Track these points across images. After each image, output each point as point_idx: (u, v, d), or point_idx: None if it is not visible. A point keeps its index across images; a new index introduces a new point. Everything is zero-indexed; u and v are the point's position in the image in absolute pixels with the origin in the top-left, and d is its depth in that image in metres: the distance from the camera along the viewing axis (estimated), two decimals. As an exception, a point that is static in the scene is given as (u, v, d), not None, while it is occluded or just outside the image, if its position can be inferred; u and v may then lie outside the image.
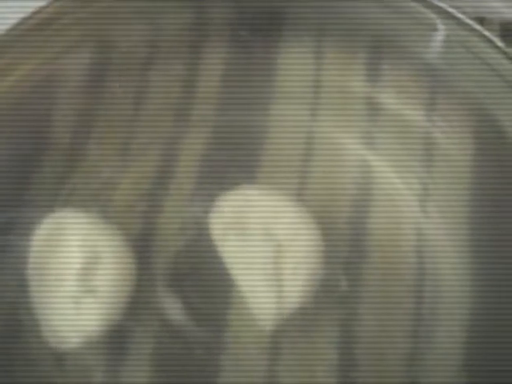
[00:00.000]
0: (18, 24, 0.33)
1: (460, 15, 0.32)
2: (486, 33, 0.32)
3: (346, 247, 0.32)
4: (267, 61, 0.37)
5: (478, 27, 0.32)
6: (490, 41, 0.31)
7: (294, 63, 0.37)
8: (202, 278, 0.31)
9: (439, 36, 0.33)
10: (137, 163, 0.35)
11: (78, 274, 0.28)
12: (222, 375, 0.30)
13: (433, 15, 0.33)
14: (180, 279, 0.31)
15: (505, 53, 0.32)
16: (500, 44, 0.31)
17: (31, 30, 0.34)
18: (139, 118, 0.36)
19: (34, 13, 0.33)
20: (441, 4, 0.33)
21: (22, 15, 0.33)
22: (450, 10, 0.32)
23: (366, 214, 0.33)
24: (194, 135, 0.36)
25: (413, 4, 0.33)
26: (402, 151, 0.35)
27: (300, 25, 0.37)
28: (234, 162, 0.35)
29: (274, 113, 0.36)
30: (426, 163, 0.35)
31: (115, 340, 0.30)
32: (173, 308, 0.30)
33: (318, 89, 0.37)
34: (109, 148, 0.35)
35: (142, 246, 0.31)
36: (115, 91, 0.36)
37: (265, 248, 0.29)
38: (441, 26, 0.33)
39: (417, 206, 0.33)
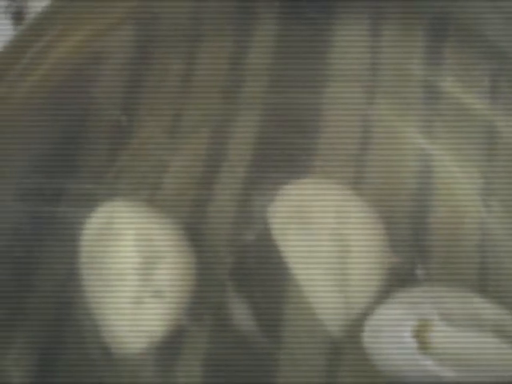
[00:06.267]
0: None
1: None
2: None
3: (408, 243, 0.31)
4: (321, 38, 0.35)
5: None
6: None
7: (350, 41, 0.35)
8: (265, 277, 0.30)
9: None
10: (187, 145, 0.33)
11: (138, 271, 0.27)
12: (279, 379, 0.29)
13: None
14: (243, 278, 0.30)
15: None
16: None
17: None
18: (187, 96, 0.34)
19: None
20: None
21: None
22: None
23: (427, 207, 0.32)
24: (245, 116, 0.34)
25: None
26: (462, 141, 0.33)
27: (357, 1, 0.35)
28: (289, 146, 0.33)
29: (329, 93, 0.35)
30: (488, 155, 0.33)
31: (170, 340, 0.28)
32: (238, 309, 0.29)
33: (375, 70, 0.35)
34: (157, 127, 0.33)
35: (197, 239, 0.30)
36: (162, 68, 0.34)
37: (330, 244, 0.28)
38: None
39: (479, 201, 0.32)
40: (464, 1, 0.33)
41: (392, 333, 0.25)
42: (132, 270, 0.27)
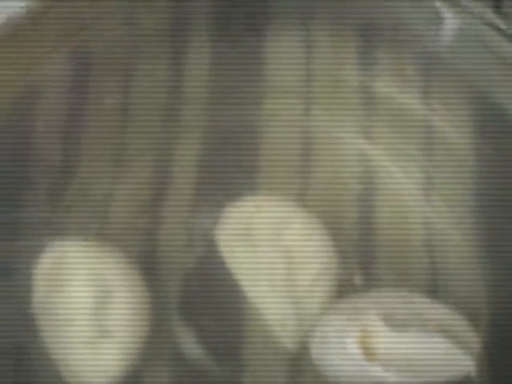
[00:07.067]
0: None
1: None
2: (486, 15, 0.31)
3: (357, 248, 0.31)
4: (255, 53, 0.36)
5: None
6: (490, 23, 0.30)
7: (284, 54, 0.36)
8: (215, 301, 0.30)
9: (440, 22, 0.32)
10: (131, 174, 0.33)
11: (90, 313, 0.27)
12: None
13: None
14: (192, 306, 0.30)
15: (505, 34, 0.31)
16: (501, 25, 0.30)
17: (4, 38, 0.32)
18: (128, 125, 0.34)
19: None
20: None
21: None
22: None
23: (372, 210, 0.33)
24: (187, 138, 0.34)
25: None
26: (401, 140, 0.34)
27: (287, 12, 0.35)
28: (232, 165, 0.33)
29: (267, 108, 0.35)
30: (426, 151, 0.34)
31: (131, 379, 0.28)
32: (187, 341, 0.29)
33: (311, 80, 0.36)
34: (100, 160, 0.34)
35: (149, 268, 0.30)
36: (99, 98, 0.34)
37: (275, 258, 0.29)
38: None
39: (421, 196, 0.33)
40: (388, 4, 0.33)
41: (336, 343, 0.26)
42: (84, 310, 0.27)
